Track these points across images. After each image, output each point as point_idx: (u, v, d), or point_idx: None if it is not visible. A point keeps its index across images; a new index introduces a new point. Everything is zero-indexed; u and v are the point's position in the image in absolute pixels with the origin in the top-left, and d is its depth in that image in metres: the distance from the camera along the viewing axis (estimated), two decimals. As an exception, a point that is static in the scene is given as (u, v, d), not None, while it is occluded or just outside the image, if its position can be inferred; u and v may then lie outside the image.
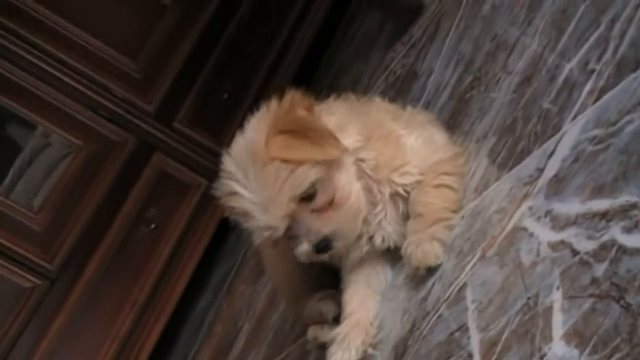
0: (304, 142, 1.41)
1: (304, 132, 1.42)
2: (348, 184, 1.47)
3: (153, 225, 3.64)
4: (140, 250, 3.59)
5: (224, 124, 3.96)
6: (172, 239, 3.65)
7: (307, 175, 1.41)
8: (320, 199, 1.44)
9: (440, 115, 1.83)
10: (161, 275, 3.54)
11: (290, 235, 1.47)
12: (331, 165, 1.45)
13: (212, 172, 3.80)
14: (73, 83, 3.69)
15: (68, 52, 3.68)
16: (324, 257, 1.48)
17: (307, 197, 1.43)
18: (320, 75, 3.95)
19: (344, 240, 1.47)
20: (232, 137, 3.82)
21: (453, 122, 1.76)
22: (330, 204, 1.45)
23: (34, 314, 3.37)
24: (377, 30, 3.19)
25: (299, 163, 1.40)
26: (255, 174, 1.40)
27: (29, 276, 3.42)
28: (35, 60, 3.62)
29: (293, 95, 1.49)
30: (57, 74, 3.66)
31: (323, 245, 1.45)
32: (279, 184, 1.39)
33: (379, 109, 1.63)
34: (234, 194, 1.44)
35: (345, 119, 1.51)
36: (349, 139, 1.48)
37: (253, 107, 4.01)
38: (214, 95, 3.98)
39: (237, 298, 2.95)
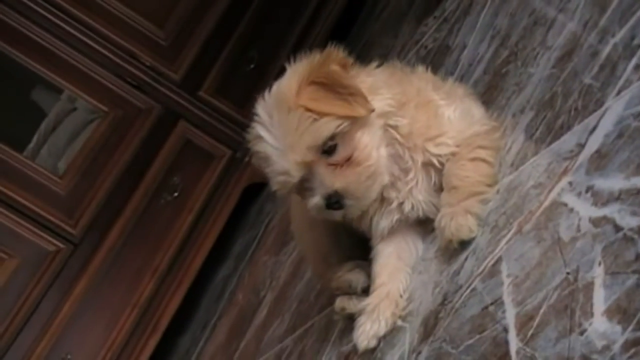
0: (332, 96, 1.42)
1: (334, 86, 1.43)
2: (370, 145, 1.47)
3: (176, 194, 3.65)
4: (162, 217, 3.60)
5: (250, 94, 3.93)
6: (195, 207, 3.65)
7: (329, 127, 1.42)
8: (339, 154, 1.45)
9: (474, 90, 1.81)
10: (183, 243, 3.55)
11: (306, 187, 1.47)
12: (356, 123, 1.45)
13: (236, 142, 3.82)
14: (100, 49, 3.69)
15: (96, 18, 3.68)
16: (337, 215, 1.48)
17: (328, 151, 1.44)
18: (348, 49, 3.92)
19: (356, 200, 1.46)
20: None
21: (488, 96, 1.74)
22: (349, 160, 1.45)
23: (56, 277, 3.39)
24: (407, 5, 3.16)
25: (324, 115, 1.42)
26: (280, 118, 1.42)
27: (52, 240, 3.44)
28: (63, 25, 3.62)
29: (331, 51, 1.50)
30: (85, 39, 3.66)
31: (334, 200, 1.45)
32: (300, 131, 1.41)
33: (421, 77, 1.61)
34: (259, 137, 1.46)
35: (381, 82, 1.50)
36: (381, 102, 1.48)
37: (277, 77, 4.03)
38: (241, 66, 3.97)
39: (259, 268, 2.95)
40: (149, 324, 3.38)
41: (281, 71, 3.95)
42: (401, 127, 1.49)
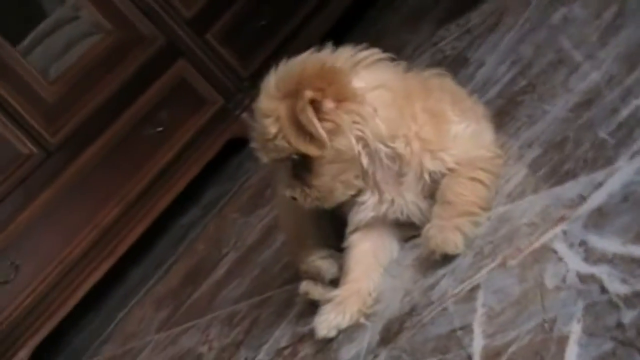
0: (295, 125, 1.47)
1: (300, 116, 1.46)
2: (329, 176, 1.53)
3: (160, 128, 3.64)
4: (142, 148, 3.59)
5: (254, 50, 3.94)
6: (176, 146, 3.65)
7: (285, 150, 1.49)
8: (298, 170, 1.53)
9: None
10: (156, 179, 3.55)
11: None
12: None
13: (231, 93, 3.81)
14: (119, -36, 3.68)
15: None
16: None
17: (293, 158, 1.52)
18: (360, 31, 3.92)
19: (305, 206, 1.57)
20: (258, 64, 3.81)
21: (498, 120, 1.75)
22: (306, 178, 1.53)
23: (23, 181, 3.37)
24: (432, 3, 3.16)
25: (286, 135, 1.48)
26: (258, 116, 1.52)
27: (28, 143, 3.42)
28: None
29: (327, 68, 1.51)
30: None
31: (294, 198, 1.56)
32: (266, 138, 1.50)
33: (443, 87, 1.63)
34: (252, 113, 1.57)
35: (391, 100, 1.52)
36: (371, 132, 1.50)
37: (285, 41, 4.02)
38: (252, 20, 3.96)
39: (227, 224, 2.96)
40: (106, 248, 3.38)
41: (289, 36, 3.95)
42: (397, 149, 1.51)
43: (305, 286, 1.70)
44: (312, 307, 1.66)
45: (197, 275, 2.69)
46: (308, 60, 1.53)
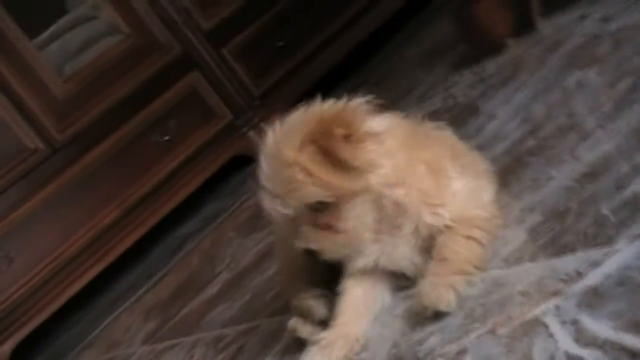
0: (329, 164, 1.45)
1: (333, 154, 1.45)
2: (354, 218, 1.51)
3: (167, 137, 3.67)
4: (147, 155, 3.61)
5: (268, 69, 3.97)
6: (181, 156, 3.68)
7: (318, 194, 1.47)
8: (324, 215, 1.50)
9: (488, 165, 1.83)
10: (158, 186, 3.57)
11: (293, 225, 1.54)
12: (346, 194, 1.49)
13: (240, 110, 3.84)
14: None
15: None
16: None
17: (315, 208, 1.49)
18: (374, 64, 3.94)
19: (329, 257, 1.54)
20: (270, 84, 3.84)
21: (502, 178, 1.76)
22: (331, 225, 1.51)
23: (26, 175, 3.39)
24: (449, 46, 3.18)
25: (317, 179, 1.45)
26: (277, 168, 1.48)
27: (35, 137, 3.45)
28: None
29: (345, 110, 1.51)
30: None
31: (312, 253, 1.53)
32: (291, 188, 1.47)
33: (444, 142, 1.64)
34: (261, 167, 1.52)
35: (388, 149, 1.52)
36: (377, 177, 1.50)
37: (299, 65, 4.04)
38: (270, 40, 3.99)
39: (223, 241, 2.97)
40: (99, 250, 3.40)
41: (305, 60, 3.97)
42: (396, 198, 1.52)
43: (294, 322, 1.70)
44: (298, 343, 1.67)
45: (188, 291, 2.70)
46: (319, 105, 1.53)
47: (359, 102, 1.55)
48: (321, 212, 1.49)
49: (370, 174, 1.49)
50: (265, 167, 1.50)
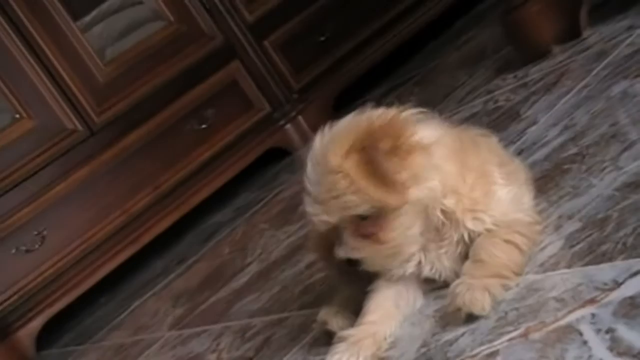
0: (373, 175, 1.43)
1: (378, 166, 1.43)
2: (399, 229, 1.49)
3: (204, 125, 3.68)
4: (183, 142, 3.63)
5: (309, 64, 3.98)
6: (217, 145, 3.69)
7: (359, 206, 1.45)
8: (368, 224, 1.48)
9: (528, 172, 1.81)
10: (192, 174, 3.59)
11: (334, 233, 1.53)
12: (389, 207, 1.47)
13: (279, 102, 3.84)
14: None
15: None
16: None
17: (357, 216, 1.47)
18: (417, 63, 3.93)
19: (371, 268, 1.53)
20: (310, 78, 3.84)
21: (541, 184, 1.75)
22: (375, 235, 1.49)
23: (62, 155, 3.43)
24: (493, 50, 3.16)
25: (360, 189, 1.43)
26: (321, 173, 1.46)
27: (73, 118, 3.48)
28: None
29: (395, 120, 1.49)
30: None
31: (353, 263, 1.51)
32: (334, 195, 1.45)
33: (490, 149, 1.62)
34: (305, 171, 1.50)
35: (437, 161, 1.50)
36: (424, 190, 1.48)
37: (340, 61, 4.04)
38: (313, 34, 4.00)
39: (255, 232, 2.97)
40: (131, 234, 3.43)
41: (346, 56, 3.96)
42: (446, 207, 1.51)
43: (324, 315, 1.69)
44: (327, 336, 1.66)
45: (218, 279, 2.71)
46: (371, 114, 1.51)
47: (409, 112, 1.53)
48: (365, 220, 1.48)
49: (416, 188, 1.47)
50: (309, 171, 1.49)
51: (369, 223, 1.48)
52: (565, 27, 2.64)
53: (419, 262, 1.55)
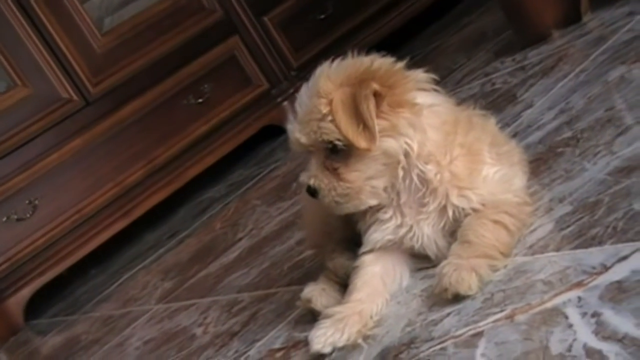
0: (351, 112, 1.45)
1: (359, 104, 1.45)
2: (363, 174, 1.51)
3: (201, 100, 3.66)
4: (179, 116, 3.61)
5: (308, 41, 3.95)
6: (213, 120, 3.67)
7: (329, 135, 1.47)
8: (337, 158, 1.51)
9: (524, 154, 1.80)
10: (187, 149, 3.58)
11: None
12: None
13: (277, 79, 3.82)
14: None
15: None
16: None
17: (331, 148, 1.49)
18: (417, 44, 3.91)
19: (327, 203, 1.54)
20: (309, 56, 3.81)
21: (534, 167, 1.74)
22: (337, 170, 1.51)
23: (57, 124, 3.40)
24: (494, 33, 3.14)
25: (335, 119, 1.46)
26: (307, 94, 1.50)
27: (69, 88, 3.45)
28: None
29: (397, 72, 1.51)
30: None
31: (312, 190, 1.54)
32: (311, 117, 1.48)
33: (485, 128, 1.61)
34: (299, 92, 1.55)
35: (426, 124, 1.50)
36: (396, 144, 1.49)
37: (340, 39, 4.01)
38: (313, 11, 3.96)
39: (247, 208, 2.96)
40: (123, 207, 3.41)
41: (345, 35, 3.94)
42: (424, 174, 1.50)
43: (308, 293, 1.67)
44: (312, 314, 1.65)
45: (208, 254, 2.70)
46: (377, 59, 1.52)
47: (418, 74, 1.54)
48: (335, 154, 1.50)
49: (390, 139, 1.48)
50: (302, 91, 1.53)
51: (337, 157, 1.50)
52: (566, 12, 2.62)
53: (399, 225, 1.54)
